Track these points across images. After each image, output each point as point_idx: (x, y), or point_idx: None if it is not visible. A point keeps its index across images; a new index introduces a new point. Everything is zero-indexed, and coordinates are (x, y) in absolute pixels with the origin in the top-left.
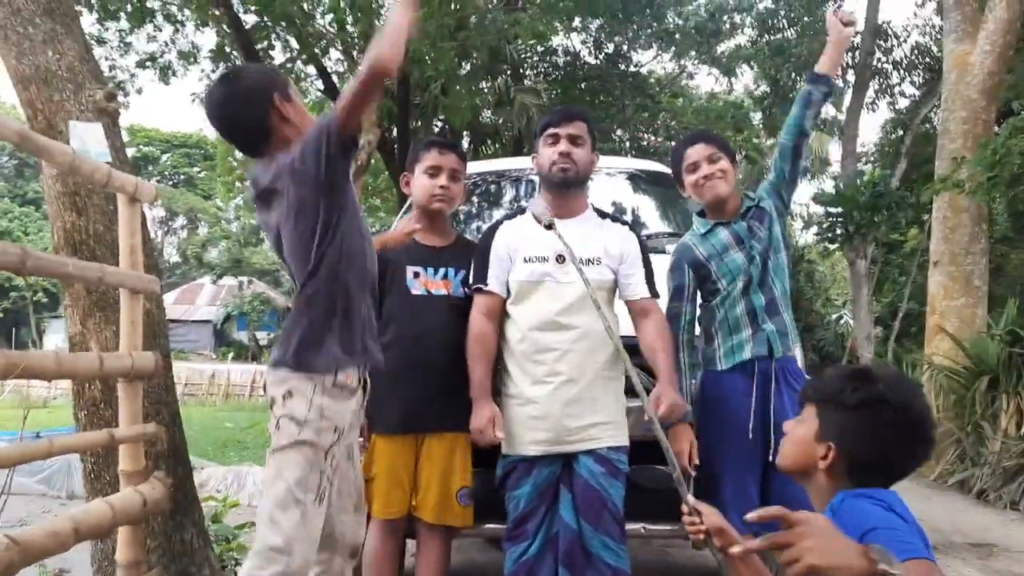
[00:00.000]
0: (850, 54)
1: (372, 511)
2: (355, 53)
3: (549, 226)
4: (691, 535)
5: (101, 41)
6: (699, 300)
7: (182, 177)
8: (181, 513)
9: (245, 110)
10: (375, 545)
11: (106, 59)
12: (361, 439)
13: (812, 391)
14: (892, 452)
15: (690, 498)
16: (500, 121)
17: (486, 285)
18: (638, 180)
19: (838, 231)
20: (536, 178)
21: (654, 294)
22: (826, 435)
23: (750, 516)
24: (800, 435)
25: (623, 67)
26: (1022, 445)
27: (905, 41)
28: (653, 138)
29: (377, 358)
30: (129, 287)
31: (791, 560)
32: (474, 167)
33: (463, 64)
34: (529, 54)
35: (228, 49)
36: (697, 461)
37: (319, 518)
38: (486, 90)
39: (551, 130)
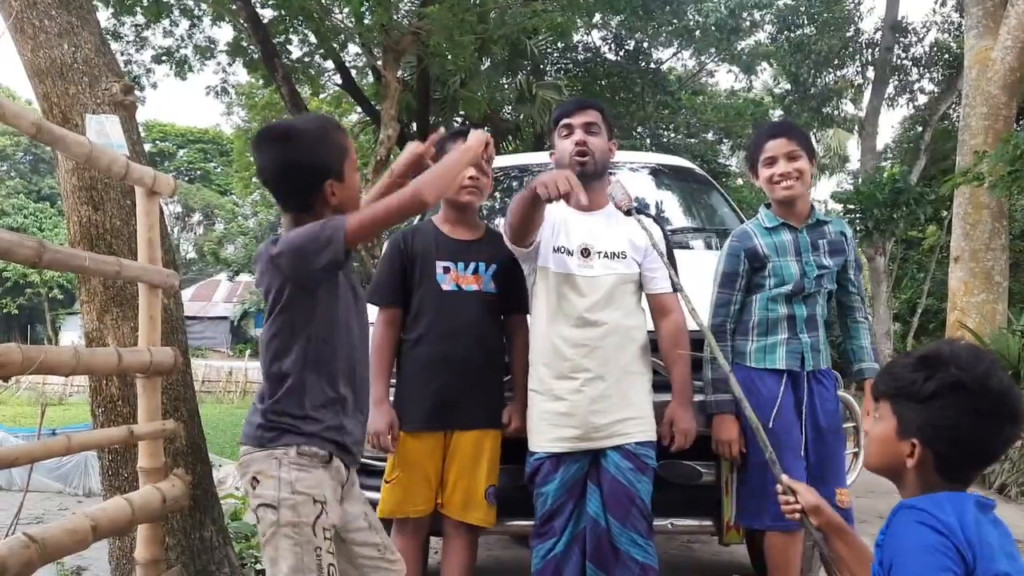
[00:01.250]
0: (869, 51)
1: (395, 511)
2: (373, 47)
3: (628, 212)
4: (787, 514)
5: (117, 36)
6: None
7: (198, 173)
8: (200, 511)
9: (289, 183)
10: (399, 542)
11: (122, 54)
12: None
13: (883, 385)
14: (980, 437)
15: (784, 477)
16: (520, 117)
17: None
18: (661, 175)
19: (858, 228)
20: None
21: (676, 288)
22: (906, 432)
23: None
24: (880, 434)
25: (643, 64)
26: None
27: (924, 38)
28: (673, 135)
29: (348, 438)
30: (147, 281)
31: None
32: (495, 162)
33: (483, 59)
34: (550, 50)
35: (245, 44)
36: (744, 450)
37: None
38: (507, 86)
39: (564, 121)
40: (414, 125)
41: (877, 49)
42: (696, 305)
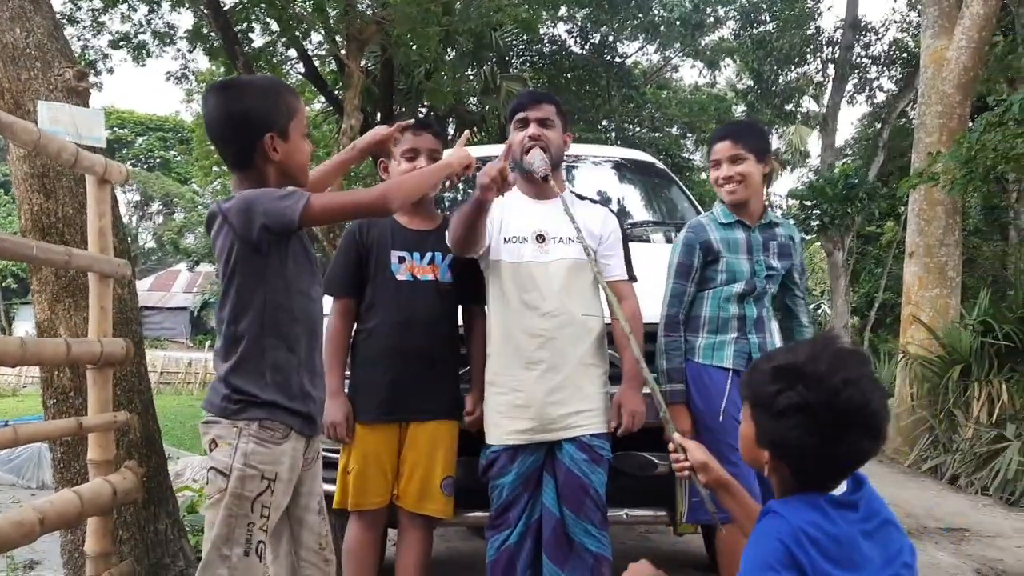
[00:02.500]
0: (830, 49)
1: (351, 503)
2: (336, 36)
3: (545, 179)
4: (676, 471)
5: (73, 20)
6: None
7: (158, 161)
8: (155, 503)
9: (230, 133)
10: (355, 535)
11: (78, 39)
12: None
13: (745, 388)
14: (828, 456)
15: (676, 436)
16: (486, 108)
17: None
18: (623, 169)
19: (813, 222)
20: None
21: (631, 278)
22: (761, 441)
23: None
24: (743, 434)
25: (609, 58)
26: (993, 432)
27: (883, 36)
28: (638, 129)
29: (313, 405)
30: (98, 271)
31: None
32: None
33: (448, 50)
34: (515, 42)
35: (206, 31)
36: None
37: (253, 572)
38: (472, 77)
39: (520, 115)
40: (378, 115)
41: (837, 47)
42: (648, 296)
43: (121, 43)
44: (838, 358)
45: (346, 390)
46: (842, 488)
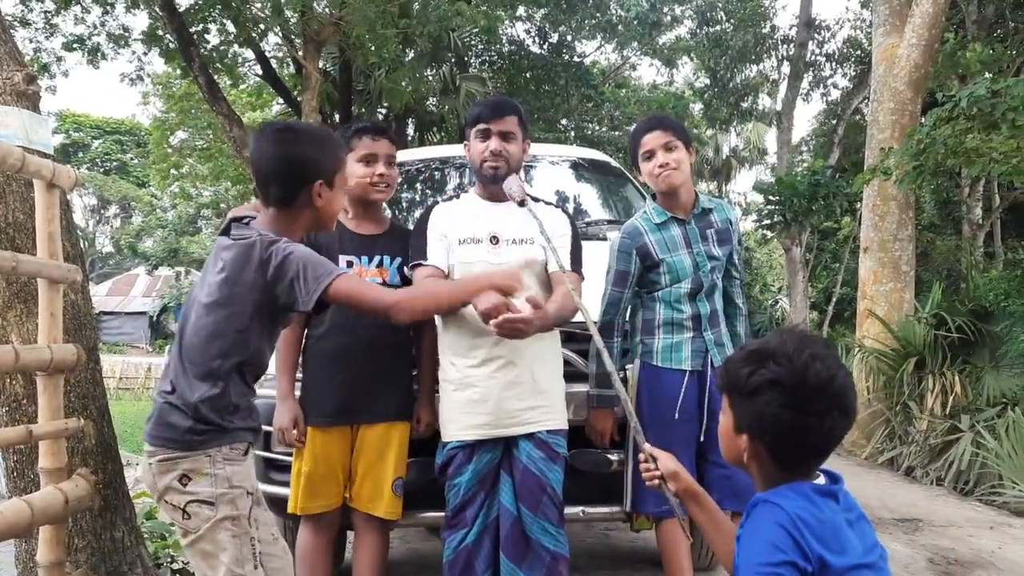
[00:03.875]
0: (785, 46)
1: (300, 506)
2: (293, 37)
3: (522, 203)
4: (646, 480)
5: (25, 22)
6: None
7: (114, 164)
8: (111, 511)
9: (282, 175)
10: (308, 538)
11: (30, 41)
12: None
13: (721, 380)
14: (802, 431)
15: (647, 445)
16: (445, 108)
17: (427, 260)
18: (580, 168)
19: (777, 219)
20: None
21: (576, 270)
22: (740, 426)
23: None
24: (722, 428)
25: (567, 57)
26: (947, 424)
27: (837, 34)
28: (597, 128)
29: (259, 416)
30: (47, 277)
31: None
32: (416, 154)
33: (407, 51)
34: (474, 42)
35: (161, 32)
36: (618, 438)
37: None
38: (431, 78)
39: (482, 125)
40: (336, 116)
41: (792, 45)
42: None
43: (75, 45)
44: (804, 339)
45: (297, 393)
46: (821, 480)
